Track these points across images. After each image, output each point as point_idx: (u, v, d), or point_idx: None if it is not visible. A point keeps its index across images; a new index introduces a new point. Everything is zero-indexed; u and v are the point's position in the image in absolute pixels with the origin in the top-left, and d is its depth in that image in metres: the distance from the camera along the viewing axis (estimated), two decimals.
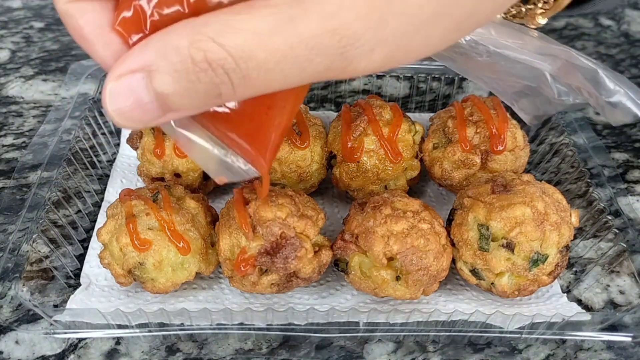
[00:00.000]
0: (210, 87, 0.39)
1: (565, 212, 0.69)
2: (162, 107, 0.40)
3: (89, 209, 0.84)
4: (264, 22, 0.37)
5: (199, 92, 0.39)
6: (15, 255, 0.69)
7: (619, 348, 0.71)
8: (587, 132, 0.89)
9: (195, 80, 0.39)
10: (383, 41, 0.39)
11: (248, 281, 0.67)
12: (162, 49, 0.39)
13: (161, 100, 0.40)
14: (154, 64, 0.39)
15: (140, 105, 0.40)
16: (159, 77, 0.39)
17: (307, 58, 0.38)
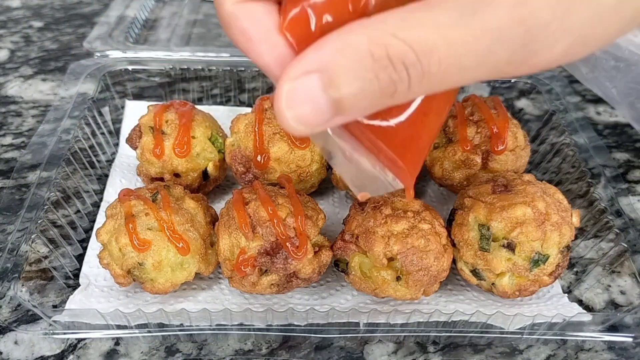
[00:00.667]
0: (386, 85, 0.38)
1: (566, 212, 0.69)
2: (334, 109, 0.39)
3: (88, 209, 0.84)
4: (447, 15, 0.36)
5: (374, 91, 0.39)
6: (14, 255, 0.68)
7: (620, 348, 0.71)
8: (588, 132, 0.89)
9: (373, 79, 0.38)
10: (567, 31, 0.38)
11: (248, 281, 0.67)
12: (339, 47, 0.38)
13: (336, 101, 0.39)
14: (331, 64, 0.38)
15: (315, 108, 0.39)
16: (336, 78, 0.38)
17: (490, 50, 0.37)
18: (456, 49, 0.37)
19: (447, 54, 0.37)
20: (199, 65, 1.01)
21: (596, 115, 1.08)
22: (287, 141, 0.78)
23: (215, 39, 1.24)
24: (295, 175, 0.79)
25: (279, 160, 0.78)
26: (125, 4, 1.21)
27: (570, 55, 0.40)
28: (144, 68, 1.00)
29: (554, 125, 0.93)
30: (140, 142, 0.81)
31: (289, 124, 0.40)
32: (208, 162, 0.82)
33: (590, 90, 1.14)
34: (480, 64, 0.38)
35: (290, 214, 0.66)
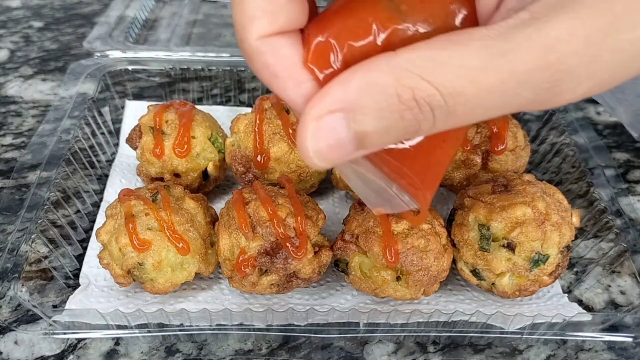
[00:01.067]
0: (411, 124, 0.39)
1: (566, 212, 0.69)
2: (357, 145, 0.40)
3: (88, 209, 0.84)
4: (475, 57, 0.37)
5: (398, 129, 0.39)
6: (14, 255, 0.68)
7: (619, 348, 0.71)
8: (588, 131, 0.89)
9: (398, 119, 0.38)
10: (592, 75, 0.38)
11: (248, 282, 0.67)
12: (364, 86, 0.38)
13: (359, 139, 0.39)
14: (357, 103, 0.38)
15: (339, 145, 0.40)
16: (362, 117, 0.38)
17: (515, 92, 0.38)
18: (483, 91, 0.37)
19: (474, 95, 0.37)
20: (199, 65, 1.01)
21: (596, 115, 1.08)
22: (287, 141, 0.78)
23: (215, 39, 1.24)
24: (295, 175, 0.79)
25: (279, 160, 0.78)
26: (125, 4, 1.21)
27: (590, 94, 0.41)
28: (144, 68, 1.00)
29: (554, 125, 0.93)
30: (140, 142, 0.81)
31: (311, 160, 0.40)
32: (208, 162, 0.82)
33: None
34: (505, 105, 0.39)
35: (290, 214, 0.66)
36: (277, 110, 0.79)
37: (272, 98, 0.82)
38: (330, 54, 0.40)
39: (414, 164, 0.45)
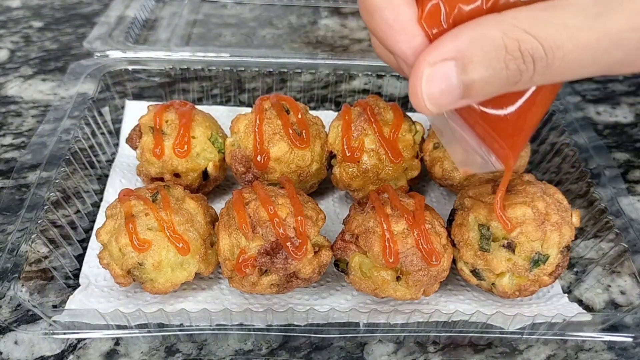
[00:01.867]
0: (513, 74, 0.44)
1: (566, 212, 0.69)
2: (464, 93, 0.45)
3: (88, 209, 0.84)
4: (573, 16, 0.42)
5: (501, 79, 0.44)
6: (14, 255, 0.68)
7: (620, 349, 0.71)
8: (588, 131, 0.89)
9: (503, 68, 0.43)
10: None
11: (248, 282, 0.67)
12: (475, 38, 0.43)
13: (467, 86, 0.44)
14: (467, 52, 0.43)
15: (449, 91, 0.44)
16: (472, 65, 0.43)
17: (606, 51, 0.43)
18: (579, 47, 0.42)
19: (571, 51, 0.42)
20: (199, 65, 1.01)
21: (596, 115, 1.08)
22: (287, 141, 0.78)
23: (215, 39, 1.24)
24: (295, 175, 0.79)
25: (279, 160, 0.78)
26: (125, 4, 1.21)
27: None
28: (144, 68, 1.00)
29: (554, 125, 0.93)
30: (140, 142, 0.81)
31: (423, 103, 0.46)
32: (208, 162, 0.82)
33: (591, 90, 1.14)
34: (596, 62, 0.44)
35: (290, 214, 0.66)
36: (277, 110, 0.79)
37: (272, 98, 0.82)
38: (441, 14, 0.46)
39: (506, 127, 0.50)
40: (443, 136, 0.56)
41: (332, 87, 1.07)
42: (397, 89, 1.06)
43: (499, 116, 0.49)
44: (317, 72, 1.03)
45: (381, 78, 1.04)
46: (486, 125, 0.50)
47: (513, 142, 0.51)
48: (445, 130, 0.54)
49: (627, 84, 1.16)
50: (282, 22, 1.29)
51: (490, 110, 0.49)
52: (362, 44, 1.23)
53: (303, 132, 0.79)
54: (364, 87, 1.09)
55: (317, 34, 1.26)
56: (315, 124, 0.82)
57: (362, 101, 0.83)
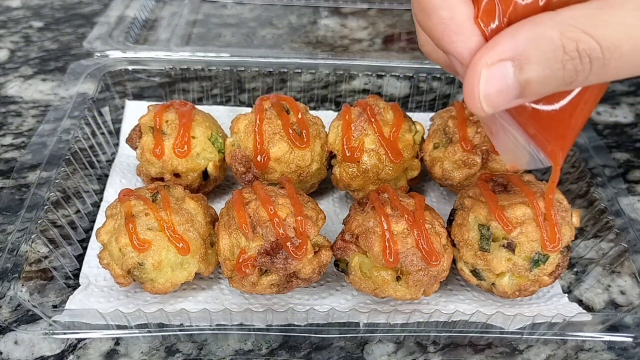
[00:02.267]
0: (570, 74, 0.43)
1: (566, 212, 0.69)
2: (520, 93, 0.44)
3: (88, 209, 0.84)
4: (631, 16, 0.42)
5: (557, 79, 0.44)
6: (14, 255, 0.68)
7: (619, 349, 0.71)
8: (588, 131, 0.89)
9: (560, 69, 0.43)
10: None
11: (248, 282, 0.67)
12: (533, 38, 0.43)
13: (523, 86, 0.44)
14: (525, 53, 0.43)
15: (506, 91, 0.44)
16: (529, 66, 0.43)
17: None
18: (636, 47, 0.42)
19: (628, 50, 0.42)
20: (199, 65, 1.01)
21: (596, 115, 1.08)
22: (287, 141, 0.78)
23: (215, 39, 1.24)
24: (295, 175, 0.79)
25: (279, 160, 0.78)
26: (125, 4, 1.21)
27: None
28: (144, 68, 1.00)
29: None
30: (140, 142, 0.81)
31: (480, 105, 0.45)
32: (208, 162, 0.82)
33: None
34: None
35: (290, 214, 0.66)
36: (277, 110, 0.79)
37: (272, 98, 0.82)
38: (496, 12, 0.45)
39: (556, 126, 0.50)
40: (492, 133, 0.56)
41: (332, 87, 1.07)
42: (397, 89, 1.06)
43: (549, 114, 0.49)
44: (317, 72, 1.03)
45: (381, 78, 1.04)
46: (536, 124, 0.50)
47: (563, 141, 0.51)
48: (494, 127, 0.55)
49: (627, 84, 1.16)
50: (282, 22, 1.29)
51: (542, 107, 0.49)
52: (362, 44, 1.23)
53: (303, 132, 0.79)
54: (364, 87, 1.09)
55: (317, 34, 1.26)
56: (315, 124, 0.82)
57: (362, 101, 0.83)
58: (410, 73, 1.01)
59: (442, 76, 1.01)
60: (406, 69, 1.01)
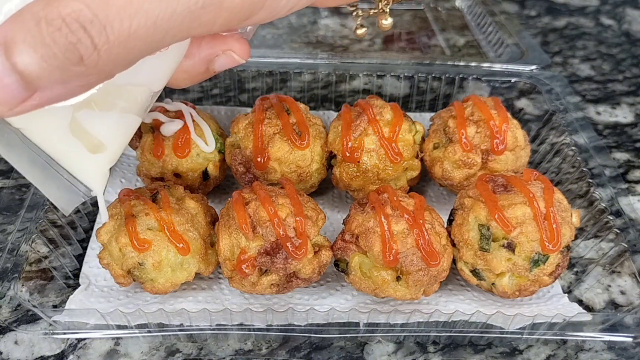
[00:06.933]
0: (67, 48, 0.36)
1: (566, 212, 0.69)
2: (24, 84, 0.37)
3: (88, 209, 0.84)
4: None
5: (58, 58, 0.36)
6: (14, 255, 0.68)
7: (620, 348, 0.71)
8: (588, 131, 0.89)
9: (51, 43, 0.36)
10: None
11: (248, 282, 0.67)
12: (18, 17, 0.36)
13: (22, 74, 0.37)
14: (11, 34, 0.36)
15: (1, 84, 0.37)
16: (17, 46, 0.36)
17: None
18: None
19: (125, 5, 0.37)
20: None
21: (596, 115, 1.08)
22: (287, 141, 0.78)
23: None
24: (295, 175, 0.79)
25: (279, 160, 0.78)
26: None
27: None
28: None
29: (554, 125, 0.93)
30: (140, 142, 0.81)
31: None
32: (208, 162, 0.82)
33: (591, 90, 1.14)
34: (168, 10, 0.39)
35: (290, 214, 0.66)
36: (277, 110, 0.79)
37: (272, 98, 0.82)
38: None
39: None
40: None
41: (332, 87, 1.07)
42: (397, 88, 1.06)
43: None
44: (317, 72, 1.03)
45: (381, 78, 1.04)
46: None
47: None
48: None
49: (627, 84, 1.16)
50: (282, 22, 1.29)
51: None
52: (362, 44, 1.23)
53: (303, 132, 0.79)
54: (364, 87, 1.09)
55: (317, 34, 1.26)
56: (315, 124, 0.82)
57: (362, 101, 0.83)
58: (410, 73, 1.01)
59: (442, 76, 1.01)
60: (406, 69, 1.01)
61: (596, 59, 1.22)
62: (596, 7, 1.39)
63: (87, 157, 0.51)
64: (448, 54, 1.19)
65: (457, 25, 1.25)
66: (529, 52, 1.05)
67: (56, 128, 0.48)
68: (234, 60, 0.56)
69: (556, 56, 1.23)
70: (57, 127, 0.48)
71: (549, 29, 1.31)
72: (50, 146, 0.50)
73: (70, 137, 0.49)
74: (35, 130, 0.48)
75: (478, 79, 1.01)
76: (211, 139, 0.80)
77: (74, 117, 0.48)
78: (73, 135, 0.49)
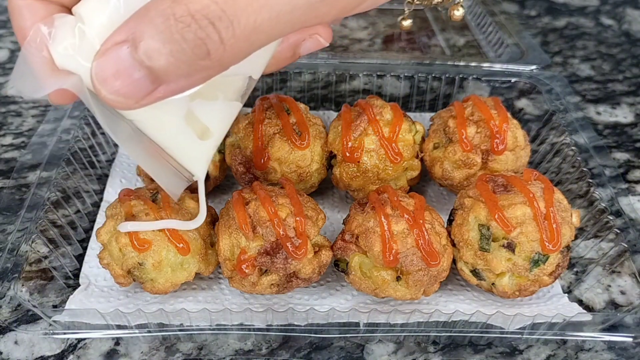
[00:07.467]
0: (196, 44, 0.38)
1: (566, 212, 0.69)
2: (151, 78, 0.39)
3: (88, 209, 0.84)
4: None
5: (186, 52, 0.38)
6: (14, 255, 0.68)
7: (620, 348, 0.71)
8: (588, 131, 0.89)
9: (180, 39, 0.37)
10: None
11: (248, 282, 0.67)
12: (145, 14, 0.38)
13: (149, 69, 0.38)
14: (138, 30, 0.37)
15: (130, 78, 0.39)
16: (145, 42, 0.37)
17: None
18: None
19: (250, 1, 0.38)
20: None
21: (596, 115, 1.08)
22: (287, 141, 0.78)
23: None
24: (295, 175, 0.79)
25: (279, 160, 0.78)
26: None
27: None
28: None
29: (554, 125, 0.93)
30: None
31: (107, 98, 0.40)
32: None
33: (591, 90, 1.14)
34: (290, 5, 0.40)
35: (290, 214, 0.66)
36: (277, 110, 0.79)
37: (272, 98, 0.82)
38: None
39: None
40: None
41: (332, 87, 1.07)
42: (397, 88, 1.06)
43: None
44: (317, 72, 1.03)
45: (381, 78, 1.04)
46: None
47: None
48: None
49: (627, 84, 1.16)
50: None
51: None
52: (362, 44, 1.23)
53: (303, 132, 0.79)
54: (364, 87, 1.09)
55: None
56: (315, 124, 0.82)
57: (362, 101, 0.83)
58: (410, 73, 1.01)
59: (442, 76, 1.01)
60: (406, 69, 1.01)
61: (596, 59, 1.22)
62: (596, 7, 1.39)
63: (196, 144, 0.54)
64: (448, 54, 1.19)
65: (457, 25, 1.25)
66: (529, 52, 1.05)
67: (173, 118, 0.51)
68: (320, 43, 0.57)
69: (556, 56, 1.23)
70: (175, 116, 0.51)
71: (549, 29, 1.31)
72: (162, 135, 0.52)
73: (184, 125, 0.52)
74: (152, 121, 0.50)
75: (478, 79, 1.01)
76: None
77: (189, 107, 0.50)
78: (187, 124, 0.52)
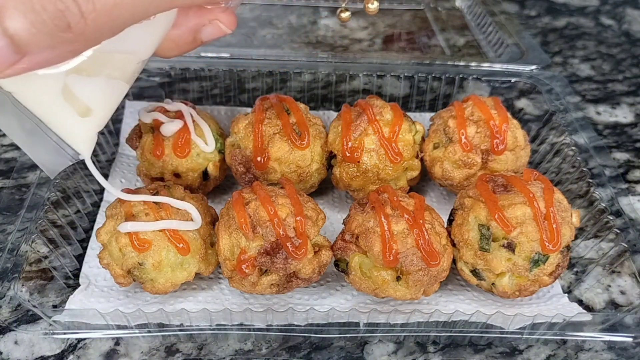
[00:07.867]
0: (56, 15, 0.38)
1: (566, 212, 0.69)
2: (14, 47, 0.39)
3: (88, 209, 0.84)
4: None
5: (46, 23, 0.38)
6: (14, 255, 0.68)
7: (620, 348, 0.71)
8: (588, 131, 0.89)
9: (41, 10, 0.38)
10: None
11: (248, 282, 0.67)
12: None
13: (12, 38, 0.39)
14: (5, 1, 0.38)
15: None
16: (8, 12, 0.38)
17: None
18: None
19: None
20: (198, 65, 1.01)
21: (596, 115, 1.08)
22: (287, 141, 0.78)
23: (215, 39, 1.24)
24: (295, 175, 0.79)
25: (279, 160, 0.78)
26: None
27: None
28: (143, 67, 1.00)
29: (554, 125, 0.93)
30: (140, 142, 0.81)
31: None
32: (208, 162, 0.82)
33: (591, 90, 1.14)
34: None
35: (290, 214, 0.66)
36: (277, 110, 0.79)
37: (272, 98, 0.82)
38: None
39: None
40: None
41: (332, 87, 1.07)
42: (397, 88, 1.06)
43: None
44: (317, 72, 1.03)
45: (381, 78, 1.04)
46: None
47: None
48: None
49: (627, 84, 1.16)
50: (282, 22, 1.29)
51: None
52: (362, 44, 1.23)
53: (303, 132, 0.79)
54: (364, 87, 1.09)
55: (317, 34, 1.26)
56: (315, 124, 0.82)
57: (362, 101, 0.83)
58: (410, 73, 1.01)
59: (442, 76, 1.01)
60: (406, 69, 1.01)
61: (596, 59, 1.22)
62: (596, 7, 1.39)
63: (76, 121, 0.54)
64: (448, 54, 1.19)
65: (457, 25, 1.25)
66: (529, 52, 1.05)
67: (48, 92, 0.50)
68: (221, 30, 0.57)
69: (556, 56, 1.23)
70: (50, 91, 0.50)
71: (549, 29, 1.31)
72: (41, 110, 0.52)
73: (62, 101, 0.51)
74: (28, 94, 0.50)
75: (478, 79, 1.01)
76: (211, 139, 0.80)
77: (65, 82, 0.50)
78: (65, 100, 0.51)
